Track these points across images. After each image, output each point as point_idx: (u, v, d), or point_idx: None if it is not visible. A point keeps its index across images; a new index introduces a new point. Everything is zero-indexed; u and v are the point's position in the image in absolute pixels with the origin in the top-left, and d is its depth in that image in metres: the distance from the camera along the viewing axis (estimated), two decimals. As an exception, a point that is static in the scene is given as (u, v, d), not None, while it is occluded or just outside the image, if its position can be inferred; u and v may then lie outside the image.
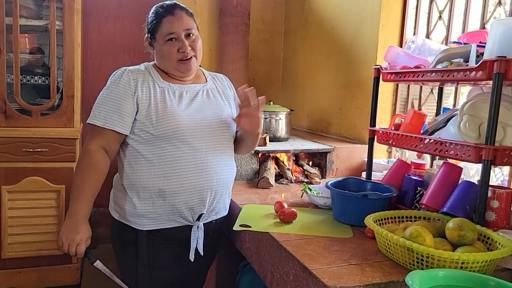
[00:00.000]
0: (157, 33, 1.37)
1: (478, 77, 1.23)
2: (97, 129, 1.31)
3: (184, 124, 1.33)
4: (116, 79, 1.35)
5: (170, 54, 1.36)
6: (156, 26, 1.37)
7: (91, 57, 2.94)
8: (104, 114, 1.31)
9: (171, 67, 1.39)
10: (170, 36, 1.36)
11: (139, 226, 1.35)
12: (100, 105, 1.33)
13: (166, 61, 1.38)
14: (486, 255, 1.00)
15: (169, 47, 1.36)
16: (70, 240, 1.27)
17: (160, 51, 1.38)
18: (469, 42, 1.46)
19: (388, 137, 1.62)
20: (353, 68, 2.54)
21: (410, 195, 1.53)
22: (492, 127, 1.19)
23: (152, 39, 1.40)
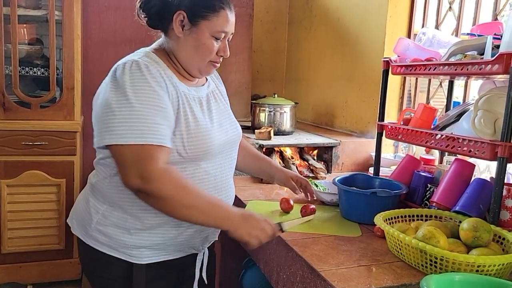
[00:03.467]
0: (205, 21, 1.07)
1: (494, 70, 1.18)
2: (145, 150, 0.97)
3: (215, 143, 1.11)
4: (144, 75, 1.01)
5: (209, 52, 1.10)
6: (209, 14, 1.07)
7: (91, 48, 2.88)
8: (156, 128, 0.98)
9: (198, 65, 1.12)
10: (219, 34, 1.09)
11: (136, 259, 1.09)
12: (141, 116, 0.97)
13: (198, 57, 1.10)
14: (503, 258, 0.96)
15: (212, 44, 1.10)
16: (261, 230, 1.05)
17: (198, 43, 1.08)
18: (483, 34, 1.40)
19: (398, 132, 1.57)
20: (359, 60, 2.48)
21: (420, 193, 1.49)
22: (508, 123, 1.14)
23: (192, 22, 1.07)
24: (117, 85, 1.00)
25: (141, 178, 0.96)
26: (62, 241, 2.39)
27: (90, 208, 1.12)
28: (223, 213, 1.03)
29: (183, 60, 1.12)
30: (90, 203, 1.12)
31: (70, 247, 2.41)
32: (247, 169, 1.50)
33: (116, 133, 0.97)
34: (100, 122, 1.01)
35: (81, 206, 1.16)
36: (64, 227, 2.38)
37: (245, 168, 1.48)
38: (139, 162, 0.96)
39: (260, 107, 2.36)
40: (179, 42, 1.10)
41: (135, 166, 0.96)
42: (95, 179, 1.13)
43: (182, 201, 0.98)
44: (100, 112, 1.01)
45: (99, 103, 1.03)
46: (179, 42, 1.10)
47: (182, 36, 1.09)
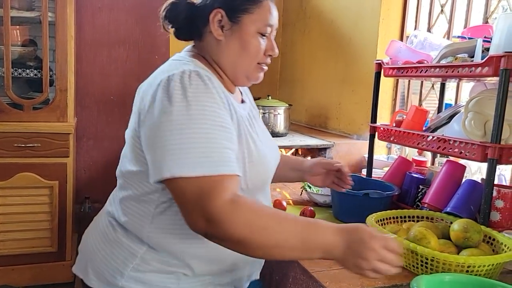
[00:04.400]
0: (247, 15, 0.92)
1: (484, 73, 1.20)
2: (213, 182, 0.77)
3: (271, 170, 1.00)
4: (209, 88, 0.84)
5: (257, 51, 0.94)
6: (251, 6, 0.92)
7: (85, 49, 2.87)
8: (226, 153, 0.81)
9: (246, 69, 0.95)
10: (265, 29, 0.93)
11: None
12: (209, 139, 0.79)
13: (245, 59, 0.94)
14: (493, 259, 0.97)
15: (259, 42, 0.93)
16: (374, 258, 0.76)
17: (243, 42, 0.92)
18: (473, 37, 1.42)
19: (390, 134, 1.58)
20: (353, 62, 2.50)
21: (412, 194, 1.50)
22: (498, 125, 1.16)
23: (233, 19, 0.92)
24: (175, 100, 0.80)
25: (206, 219, 0.76)
26: (55, 244, 2.38)
27: (121, 251, 0.91)
28: (318, 244, 0.78)
29: (228, 66, 0.95)
30: (120, 245, 0.91)
31: (62, 249, 2.40)
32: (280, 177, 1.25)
33: (179, 162, 0.77)
34: (156, 149, 0.80)
35: (102, 250, 0.93)
36: (56, 229, 2.36)
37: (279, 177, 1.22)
38: (202, 199, 0.76)
39: (254, 109, 2.36)
40: (220, 46, 0.93)
41: (198, 204, 0.76)
42: (125, 217, 0.92)
43: (261, 241, 0.77)
44: (155, 135, 0.80)
45: (151, 124, 0.82)
46: (221, 46, 0.93)
47: (223, 38, 0.92)
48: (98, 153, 3.00)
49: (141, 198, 0.90)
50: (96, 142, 2.98)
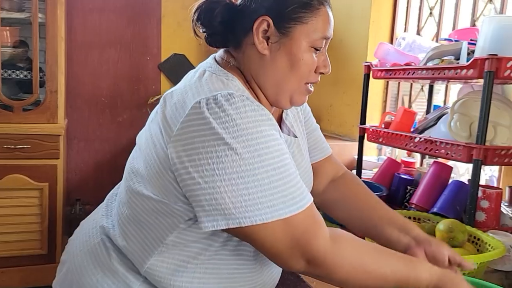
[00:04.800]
0: (300, 25, 0.76)
1: (469, 75, 1.21)
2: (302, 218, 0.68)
3: None
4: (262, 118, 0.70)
5: (309, 70, 0.79)
6: (305, 14, 0.76)
7: (75, 50, 2.86)
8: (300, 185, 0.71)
9: (291, 91, 0.80)
10: (320, 42, 0.79)
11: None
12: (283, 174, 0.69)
13: (293, 80, 0.79)
14: (477, 258, 0.98)
15: (312, 58, 0.79)
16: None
17: (293, 59, 0.77)
18: (460, 40, 1.44)
19: (378, 135, 1.60)
20: (344, 64, 2.52)
21: (400, 194, 1.52)
22: (483, 127, 1.17)
23: (282, 30, 0.76)
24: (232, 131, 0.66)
25: (307, 261, 0.69)
26: (45, 246, 2.37)
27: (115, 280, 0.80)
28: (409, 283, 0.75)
29: (270, 86, 0.79)
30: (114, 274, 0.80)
31: (52, 251, 2.39)
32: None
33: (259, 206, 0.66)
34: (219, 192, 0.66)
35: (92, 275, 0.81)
36: (46, 231, 2.35)
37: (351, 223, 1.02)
38: (300, 241, 0.68)
39: (245, 111, 2.37)
40: (263, 62, 0.78)
41: (296, 247, 0.68)
42: (124, 242, 0.80)
43: (362, 281, 0.73)
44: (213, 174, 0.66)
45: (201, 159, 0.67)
46: (264, 62, 0.78)
47: (268, 53, 0.77)
48: (89, 154, 2.99)
49: (150, 229, 0.76)
50: (87, 143, 2.97)
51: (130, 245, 0.79)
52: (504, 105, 1.28)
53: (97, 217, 0.90)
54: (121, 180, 0.87)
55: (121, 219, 0.81)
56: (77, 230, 0.95)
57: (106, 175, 3.03)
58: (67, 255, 0.91)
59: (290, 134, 0.91)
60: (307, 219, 0.69)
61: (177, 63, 3.11)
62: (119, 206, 0.84)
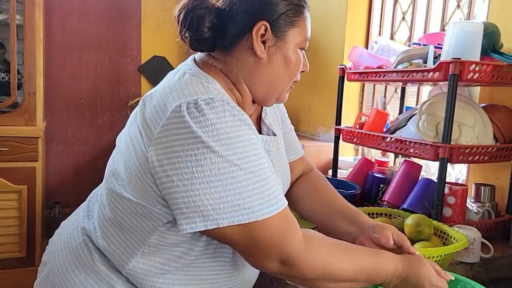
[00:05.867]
0: (293, 29, 0.81)
1: (436, 77, 1.28)
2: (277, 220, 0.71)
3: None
4: (240, 122, 0.72)
5: (298, 69, 0.85)
6: (296, 18, 0.81)
7: (54, 52, 2.85)
8: (276, 188, 0.74)
9: (281, 90, 0.85)
10: (306, 43, 0.84)
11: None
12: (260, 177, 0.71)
13: (285, 79, 0.83)
14: (440, 250, 1.04)
15: (300, 58, 0.84)
16: None
17: (287, 60, 0.81)
18: (428, 44, 1.51)
19: (353, 135, 1.65)
20: (321, 67, 2.58)
21: (373, 192, 1.57)
22: (448, 127, 1.24)
23: (278, 33, 0.79)
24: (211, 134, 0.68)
25: (281, 262, 0.72)
26: (24, 249, 2.35)
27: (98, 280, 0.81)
28: (382, 275, 0.80)
29: (263, 86, 0.82)
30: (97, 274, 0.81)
31: (31, 254, 2.37)
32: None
33: (236, 208, 0.68)
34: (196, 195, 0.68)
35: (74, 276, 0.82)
36: (25, 234, 2.33)
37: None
38: (276, 242, 0.71)
39: (225, 112, 2.40)
40: (259, 64, 0.80)
41: (272, 248, 0.71)
42: (105, 243, 0.81)
43: (334, 277, 0.77)
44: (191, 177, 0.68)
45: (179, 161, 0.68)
46: (260, 65, 0.80)
47: (265, 56, 0.79)
48: (68, 157, 2.97)
49: (130, 231, 0.78)
50: (67, 146, 2.95)
51: (111, 247, 0.80)
52: (468, 106, 1.35)
53: (78, 218, 0.91)
54: (102, 182, 0.88)
55: (102, 221, 0.82)
56: (58, 231, 0.96)
57: (85, 177, 3.02)
58: (48, 255, 0.91)
59: (269, 133, 0.94)
60: (282, 221, 0.72)
61: (157, 65, 3.13)
62: (100, 208, 0.85)
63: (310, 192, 1.06)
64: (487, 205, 1.39)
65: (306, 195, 1.05)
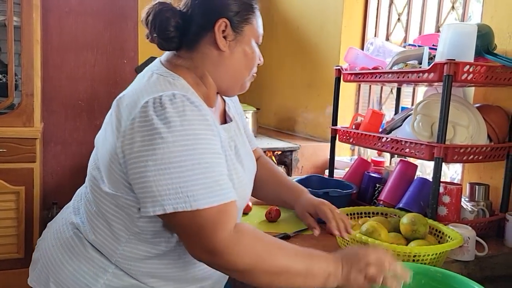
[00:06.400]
0: (249, 25, 0.91)
1: (430, 78, 1.30)
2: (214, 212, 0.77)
3: (249, 194, 1.01)
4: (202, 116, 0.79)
5: (256, 61, 0.95)
6: (251, 17, 0.91)
7: (52, 54, 2.85)
8: (225, 180, 0.80)
9: (243, 80, 0.96)
10: (260, 38, 0.95)
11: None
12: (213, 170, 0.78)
13: (246, 70, 0.94)
14: (435, 248, 1.06)
15: (257, 51, 0.95)
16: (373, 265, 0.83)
17: (247, 52, 0.92)
18: (423, 45, 1.53)
19: (349, 135, 1.67)
20: (318, 67, 2.60)
21: (369, 192, 1.59)
22: (443, 127, 1.25)
23: (237, 29, 0.89)
24: (168, 129, 0.75)
25: (209, 252, 0.77)
26: (21, 250, 2.35)
27: (91, 267, 0.87)
28: (320, 269, 0.82)
29: (226, 78, 0.92)
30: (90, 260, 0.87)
31: (29, 255, 2.35)
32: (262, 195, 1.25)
33: (180, 196, 0.74)
34: (151, 182, 0.75)
35: (68, 265, 0.88)
36: (23, 235, 2.33)
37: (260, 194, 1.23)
38: (205, 232, 0.76)
39: (222, 113, 2.42)
40: (222, 57, 0.90)
41: (200, 238, 0.76)
42: (93, 236, 0.88)
43: (267, 268, 0.79)
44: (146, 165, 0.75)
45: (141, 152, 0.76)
46: (223, 58, 0.90)
47: (227, 49, 0.89)
48: (66, 158, 2.97)
49: (115, 222, 0.85)
50: (64, 147, 2.95)
51: (99, 239, 0.87)
52: (462, 107, 1.37)
53: (66, 215, 0.97)
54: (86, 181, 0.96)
55: (89, 216, 0.90)
56: (45, 231, 1.01)
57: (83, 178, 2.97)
58: (39, 252, 0.96)
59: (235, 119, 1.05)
60: (220, 213, 0.77)
61: (154, 66, 3.13)
62: (86, 204, 0.92)
63: (267, 176, 1.23)
64: (481, 204, 1.41)
65: (265, 179, 1.22)
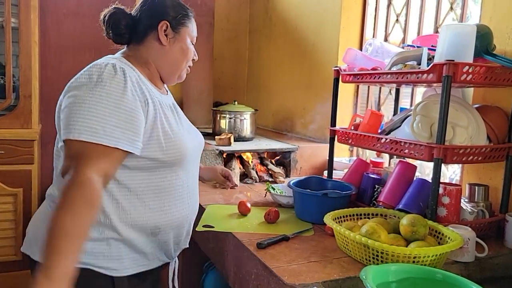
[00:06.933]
0: (184, 28, 1.18)
1: (429, 79, 1.29)
2: (101, 150, 0.95)
3: (189, 147, 1.15)
4: (120, 79, 1.01)
5: (191, 56, 1.21)
6: (186, 21, 1.19)
7: (50, 55, 2.84)
8: (113, 129, 0.96)
9: (180, 70, 1.21)
10: (194, 39, 1.23)
11: (116, 272, 1.06)
12: (104, 116, 0.96)
13: (182, 62, 1.19)
14: (435, 249, 1.06)
15: (192, 48, 1.21)
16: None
17: (181, 50, 1.18)
18: (422, 46, 1.53)
19: (348, 136, 1.67)
20: (316, 68, 2.59)
21: (369, 193, 1.58)
22: (442, 127, 1.25)
23: (175, 30, 1.16)
24: (86, 82, 0.99)
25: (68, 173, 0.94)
26: (19, 252, 2.33)
27: None
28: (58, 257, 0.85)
29: (167, 67, 1.18)
30: None
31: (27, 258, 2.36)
32: None
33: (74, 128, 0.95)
34: (63, 118, 0.99)
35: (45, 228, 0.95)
36: (21, 237, 2.32)
37: None
38: (78, 159, 0.94)
39: (220, 114, 2.42)
40: (163, 50, 1.16)
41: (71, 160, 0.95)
42: (56, 192, 1.07)
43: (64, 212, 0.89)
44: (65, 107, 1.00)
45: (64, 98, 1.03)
46: (164, 51, 1.16)
47: (168, 44, 1.16)
48: (64, 159, 2.96)
49: None
50: (62, 148, 2.94)
51: None
52: (462, 107, 1.37)
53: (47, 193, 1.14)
54: None
55: (57, 176, 1.08)
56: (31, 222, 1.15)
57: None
58: (30, 227, 1.13)
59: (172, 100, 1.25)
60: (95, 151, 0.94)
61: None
62: (57, 178, 1.09)
63: None
64: (481, 205, 1.40)
65: None
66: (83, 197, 0.90)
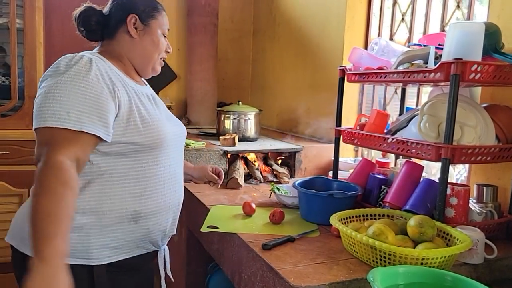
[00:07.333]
0: (154, 20, 1.21)
1: (437, 78, 1.28)
2: (68, 135, 0.97)
3: (168, 132, 1.17)
4: (85, 68, 1.04)
5: (162, 48, 1.25)
6: (156, 14, 1.22)
7: (54, 56, 2.81)
8: (78, 114, 0.98)
9: (153, 62, 1.24)
10: (165, 31, 1.26)
11: (97, 260, 1.06)
12: (67, 102, 0.98)
13: (154, 54, 1.23)
14: (444, 251, 1.04)
15: (163, 41, 1.24)
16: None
17: (153, 40, 1.21)
18: (429, 44, 1.51)
19: (353, 136, 1.65)
20: (320, 68, 2.58)
21: (375, 193, 1.57)
22: (450, 127, 1.23)
23: (145, 22, 1.20)
24: (56, 72, 1.03)
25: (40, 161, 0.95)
26: (25, 253, 2.34)
27: None
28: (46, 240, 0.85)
29: (139, 59, 1.22)
30: None
31: (33, 258, 2.36)
32: None
33: (41, 116, 0.98)
34: (34, 111, 1.03)
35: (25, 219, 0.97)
36: (26, 238, 2.33)
37: None
38: (47, 145, 0.96)
39: (224, 114, 2.41)
40: (134, 43, 1.20)
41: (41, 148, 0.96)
42: None
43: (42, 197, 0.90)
44: (36, 99, 1.05)
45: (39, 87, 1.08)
46: (134, 43, 1.20)
47: (138, 37, 1.20)
48: (69, 160, 2.96)
49: None
50: (67, 149, 2.95)
51: None
52: (470, 107, 1.35)
53: None
54: None
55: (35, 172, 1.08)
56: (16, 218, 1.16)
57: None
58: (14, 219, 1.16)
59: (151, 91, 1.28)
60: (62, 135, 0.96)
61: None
62: None
63: None
64: (489, 206, 1.38)
65: None
66: (58, 179, 0.91)
